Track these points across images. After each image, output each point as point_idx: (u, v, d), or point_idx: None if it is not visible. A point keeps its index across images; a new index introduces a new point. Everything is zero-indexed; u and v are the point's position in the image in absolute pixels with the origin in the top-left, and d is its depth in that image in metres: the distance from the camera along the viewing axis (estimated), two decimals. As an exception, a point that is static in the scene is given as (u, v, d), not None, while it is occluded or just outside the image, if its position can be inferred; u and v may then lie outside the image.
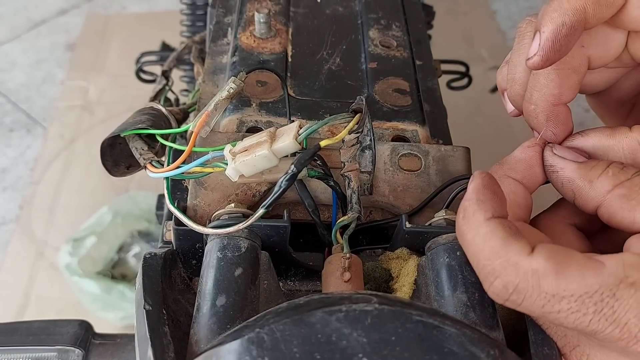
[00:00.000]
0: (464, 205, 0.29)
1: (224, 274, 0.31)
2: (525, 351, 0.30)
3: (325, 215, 0.37)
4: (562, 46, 0.30)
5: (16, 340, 0.38)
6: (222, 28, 0.53)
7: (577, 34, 0.30)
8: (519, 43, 0.34)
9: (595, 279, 0.25)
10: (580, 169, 0.31)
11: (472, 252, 0.28)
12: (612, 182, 0.30)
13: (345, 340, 0.23)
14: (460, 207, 0.29)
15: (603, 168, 0.30)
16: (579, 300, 0.25)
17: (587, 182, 0.30)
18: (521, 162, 0.33)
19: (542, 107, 0.33)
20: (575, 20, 0.29)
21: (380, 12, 0.52)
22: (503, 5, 1.57)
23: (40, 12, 1.56)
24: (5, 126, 1.33)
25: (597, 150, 0.32)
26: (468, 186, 0.29)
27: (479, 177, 0.29)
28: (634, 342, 0.26)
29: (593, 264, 0.26)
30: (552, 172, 0.32)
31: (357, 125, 0.35)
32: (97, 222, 1.07)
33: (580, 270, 0.26)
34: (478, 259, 0.28)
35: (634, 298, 0.25)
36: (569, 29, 0.30)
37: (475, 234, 0.28)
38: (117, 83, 1.37)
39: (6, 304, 1.05)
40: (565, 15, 0.29)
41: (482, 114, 1.28)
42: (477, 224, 0.28)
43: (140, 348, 0.29)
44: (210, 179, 0.37)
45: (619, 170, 0.30)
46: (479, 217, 0.28)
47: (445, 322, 0.24)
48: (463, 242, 0.29)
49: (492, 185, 0.29)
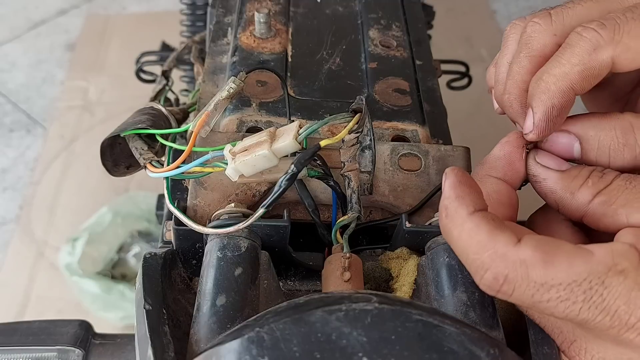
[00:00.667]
0: (444, 204, 0.29)
1: (224, 273, 0.31)
2: (525, 350, 0.30)
3: (325, 215, 0.38)
4: (555, 123, 0.31)
5: (16, 341, 0.38)
6: (222, 28, 0.53)
7: (568, 110, 0.31)
8: (505, 46, 0.34)
9: (583, 267, 0.26)
10: (562, 180, 0.31)
11: (460, 248, 0.28)
12: (592, 191, 0.30)
13: (345, 340, 0.23)
14: (441, 207, 0.29)
15: (584, 178, 0.30)
16: (568, 289, 0.26)
17: (569, 194, 0.31)
18: (500, 159, 0.33)
19: (515, 94, 0.33)
20: (565, 101, 0.30)
21: (380, 12, 0.52)
22: (503, 5, 1.57)
23: (40, 12, 1.56)
24: (5, 126, 1.33)
25: (588, 132, 0.31)
26: (443, 184, 0.29)
27: (453, 174, 0.29)
28: (625, 330, 0.26)
29: (582, 253, 0.26)
30: (535, 181, 0.33)
31: (357, 125, 0.35)
32: (97, 222, 1.07)
33: (568, 258, 0.26)
34: (467, 254, 0.28)
35: (622, 285, 0.25)
36: (559, 110, 0.30)
37: (461, 230, 0.28)
38: (117, 83, 1.37)
39: (6, 304, 1.05)
40: (554, 98, 0.30)
41: (482, 114, 1.28)
42: (460, 220, 0.28)
43: (140, 348, 0.29)
44: (210, 179, 0.37)
45: (599, 179, 0.30)
46: (462, 213, 0.28)
47: (445, 322, 0.24)
48: (450, 240, 0.29)
49: (467, 180, 0.29)
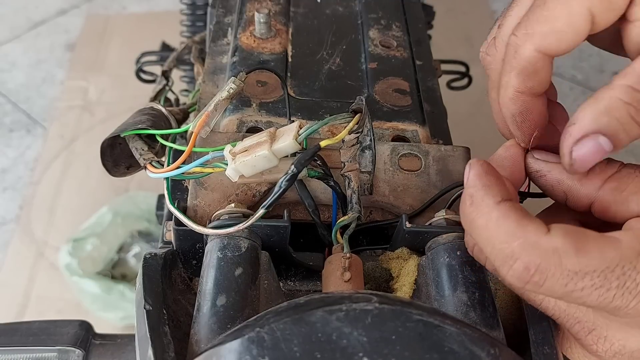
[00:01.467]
0: (469, 192, 0.28)
1: (224, 273, 0.31)
2: (526, 350, 0.30)
3: (325, 215, 0.38)
4: (529, 127, 0.31)
5: (16, 341, 0.38)
6: (222, 28, 0.53)
7: (535, 111, 0.31)
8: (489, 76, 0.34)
9: (614, 253, 0.25)
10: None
11: (485, 237, 0.27)
12: (602, 177, 0.30)
13: (346, 340, 0.23)
14: (465, 195, 0.29)
15: None
16: (602, 276, 0.25)
17: (577, 182, 0.30)
18: (507, 159, 0.33)
19: (497, 117, 0.33)
20: (520, 106, 0.31)
21: (380, 12, 0.52)
22: (503, 5, 1.57)
23: (40, 12, 1.56)
24: (5, 126, 1.33)
25: (602, 119, 0.29)
26: (467, 175, 0.29)
27: (478, 164, 0.29)
28: None
29: (610, 240, 0.26)
30: (539, 177, 0.32)
31: (357, 125, 0.35)
32: (97, 222, 1.07)
33: (598, 246, 0.26)
34: (493, 244, 0.27)
35: None
36: (523, 115, 0.31)
37: (488, 219, 0.27)
38: (117, 83, 1.37)
39: (6, 304, 1.05)
40: (509, 108, 0.31)
41: (482, 114, 1.28)
42: (487, 209, 0.27)
43: (140, 348, 0.29)
44: (210, 179, 0.37)
45: (606, 166, 0.30)
46: (489, 202, 0.27)
47: (446, 322, 0.24)
48: (473, 229, 0.28)
49: (493, 171, 0.29)
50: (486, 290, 0.31)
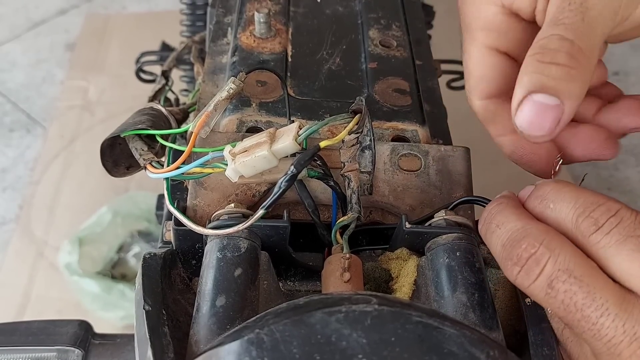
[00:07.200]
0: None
1: (223, 274, 0.31)
2: (525, 352, 0.30)
3: (325, 215, 0.37)
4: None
5: (16, 341, 0.38)
6: (222, 28, 0.53)
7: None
8: None
9: None
10: None
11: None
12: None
13: (345, 341, 0.23)
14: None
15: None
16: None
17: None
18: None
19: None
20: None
21: (380, 12, 0.52)
22: (503, 5, 1.57)
23: (40, 12, 1.56)
24: (5, 126, 1.33)
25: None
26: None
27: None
28: None
29: None
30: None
31: (357, 125, 0.35)
32: (97, 222, 1.07)
33: None
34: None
35: None
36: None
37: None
38: (117, 83, 1.37)
39: (6, 304, 1.05)
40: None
41: (482, 114, 1.28)
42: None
43: (139, 348, 0.29)
44: (210, 179, 0.37)
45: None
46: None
47: (445, 323, 0.24)
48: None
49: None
50: (485, 291, 0.31)
